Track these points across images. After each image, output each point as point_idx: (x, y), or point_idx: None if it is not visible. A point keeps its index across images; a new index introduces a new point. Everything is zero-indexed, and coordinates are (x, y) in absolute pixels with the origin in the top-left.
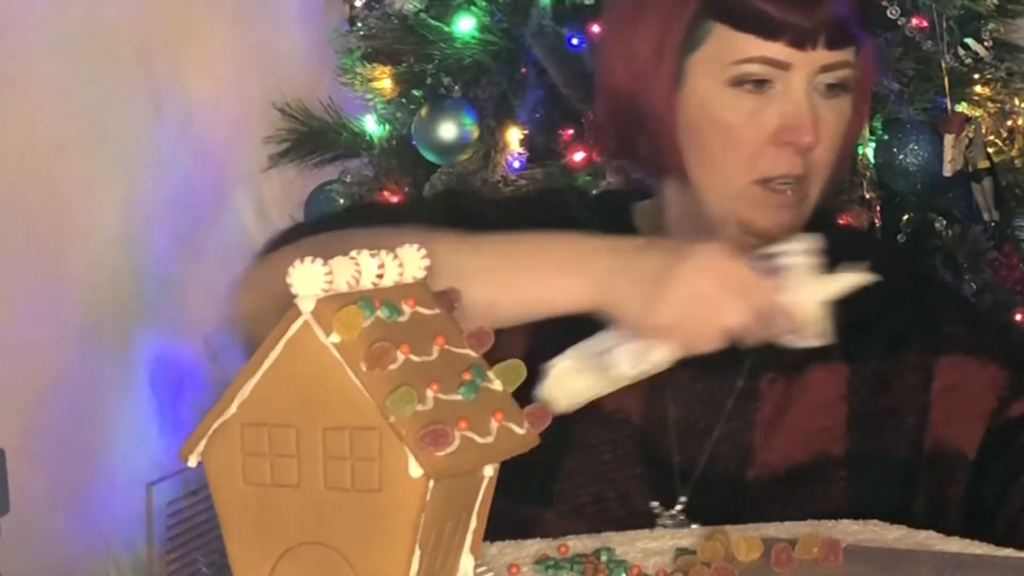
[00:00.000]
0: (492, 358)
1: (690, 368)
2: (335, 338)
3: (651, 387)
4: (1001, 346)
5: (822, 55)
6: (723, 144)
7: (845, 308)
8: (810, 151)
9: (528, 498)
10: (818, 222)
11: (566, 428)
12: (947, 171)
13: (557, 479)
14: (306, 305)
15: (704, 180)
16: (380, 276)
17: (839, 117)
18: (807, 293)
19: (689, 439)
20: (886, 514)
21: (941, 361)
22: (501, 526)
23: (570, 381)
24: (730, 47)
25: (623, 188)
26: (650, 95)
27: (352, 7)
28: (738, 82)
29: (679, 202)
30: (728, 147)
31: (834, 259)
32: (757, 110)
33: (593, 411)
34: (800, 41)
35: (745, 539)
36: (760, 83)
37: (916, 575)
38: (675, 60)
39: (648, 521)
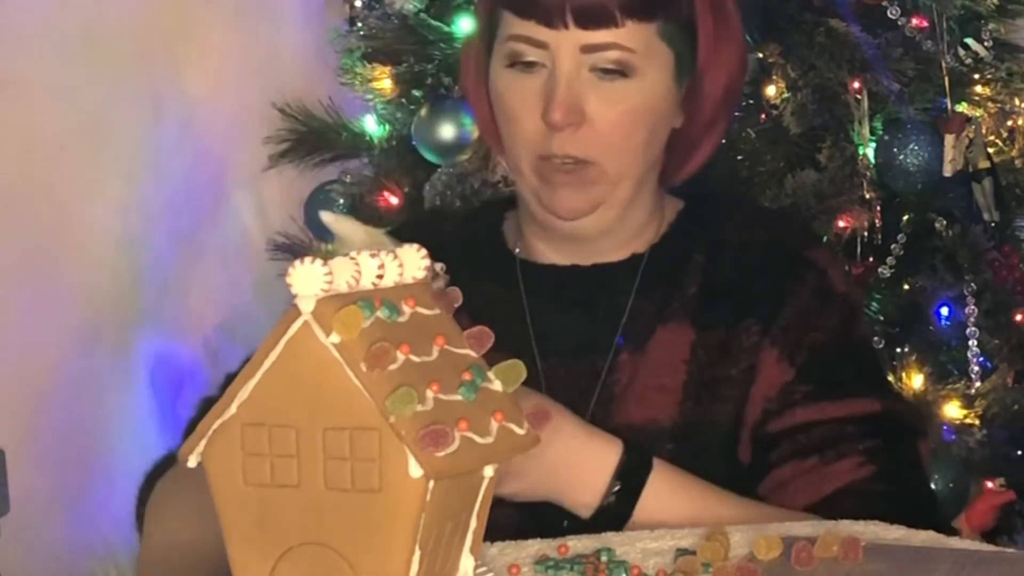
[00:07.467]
0: None
1: (552, 358)
2: (335, 338)
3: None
4: (810, 357)
5: (580, 35)
6: (506, 121)
7: (702, 271)
8: (559, 130)
9: None
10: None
11: None
12: (947, 171)
13: None
14: (306, 305)
15: (506, 159)
16: (380, 276)
17: (620, 100)
18: None
19: None
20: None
21: (765, 344)
22: None
23: None
24: (504, 29)
25: (499, 197)
26: (463, 83)
27: (352, 7)
28: (510, 63)
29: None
30: (509, 124)
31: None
32: (527, 89)
33: None
34: (548, 19)
35: (765, 538)
36: (530, 65)
37: (935, 571)
38: (481, 50)
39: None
